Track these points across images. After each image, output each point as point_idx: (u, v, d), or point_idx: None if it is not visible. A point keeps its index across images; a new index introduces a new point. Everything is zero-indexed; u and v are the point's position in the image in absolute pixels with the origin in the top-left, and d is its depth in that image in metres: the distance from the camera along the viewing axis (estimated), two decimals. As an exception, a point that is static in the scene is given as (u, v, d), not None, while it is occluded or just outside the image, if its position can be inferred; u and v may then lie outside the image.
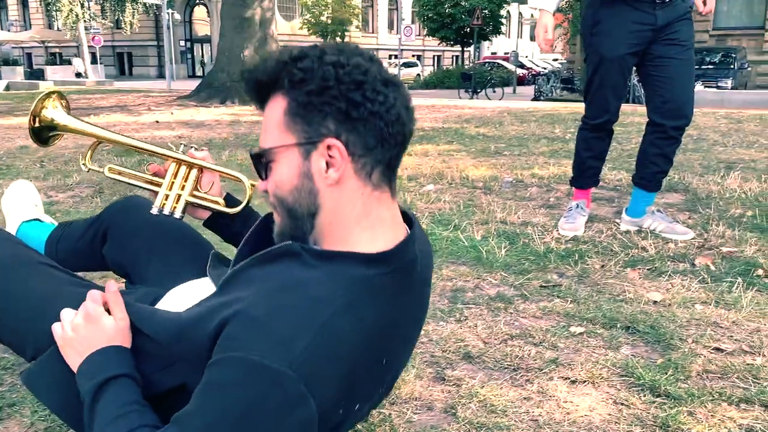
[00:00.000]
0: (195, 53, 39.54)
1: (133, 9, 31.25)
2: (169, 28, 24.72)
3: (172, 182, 1.24)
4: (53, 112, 1.32)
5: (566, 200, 3.43)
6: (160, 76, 33.15)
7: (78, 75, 27.58)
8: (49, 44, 33.56)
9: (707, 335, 1.72)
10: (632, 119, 7.21)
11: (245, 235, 1.08)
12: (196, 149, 1.29)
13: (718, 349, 1.65)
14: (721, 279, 2.16)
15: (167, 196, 1.24)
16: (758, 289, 2.06)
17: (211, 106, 10.56)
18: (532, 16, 51.45)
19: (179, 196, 1.25)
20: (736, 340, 1.70)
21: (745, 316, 1.84)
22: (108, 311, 0.98)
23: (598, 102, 2.64)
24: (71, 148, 5.43)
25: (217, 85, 11.30)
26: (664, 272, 2.24)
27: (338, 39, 34.33)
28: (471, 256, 2.42)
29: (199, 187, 1.28)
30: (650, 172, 2.68)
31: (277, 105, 0.91)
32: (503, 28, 31.66)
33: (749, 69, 19.51)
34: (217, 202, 1.27)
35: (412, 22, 37.85)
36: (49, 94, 1.32)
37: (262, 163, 0.94)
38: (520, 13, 46.48)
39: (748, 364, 1.57)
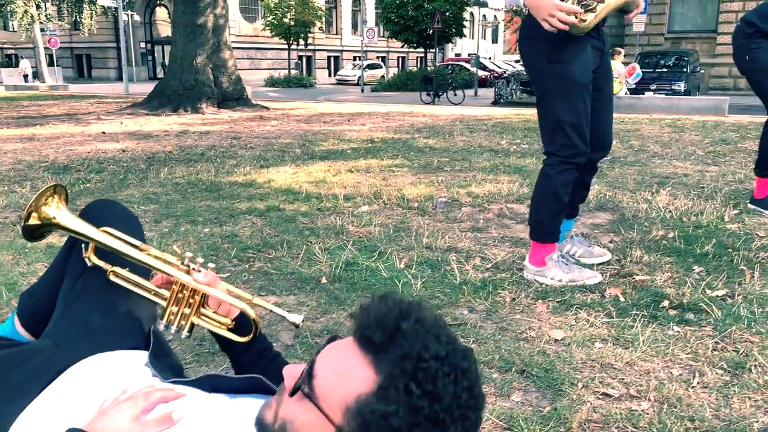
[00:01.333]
0: (156, 55, 38.94)
1: (91, 11, 30.65)
2: (125, 31, 24.28)
3: (177, 299, 1.16)
4: (55, 210, 1.23)
5: (496, 221, 3.45)
6: (120, 78, 32.56)
7: (26, 77, 26.84)
8: (4, 46, 32.68)
9: (598, 379, 1.74)
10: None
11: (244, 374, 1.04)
12: (199, 267, 1.16)
13: (606, 395, 1.66)
14: (626, 312, 2.18)
15: (173, 313, 1.16)
16: (660, 323, 2.09)
17: (163, 115, 10.40)
18: (495, 17, 51.91)
19: (186, 314, 1.16)
20: (625, 383, 1.72)
21: (639, 356, 1.86)
22: None
23: (580, 134, 2.39)
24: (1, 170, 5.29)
25: (170, 93, 11.13)
26: (573, 305, 2.26)
27: (301, 40, 34.17)
28: (386, 289, 2.41)
29: (206, 306, 1.18)
30: (571, 201, 2.68)
31: (362, 374, 0.78)
32: (466, 31, 31.84)
33: (702, 72, 19.94)
34: (225, 324, 1.17)
35: (376, 24, 37.82)
36: (51, 190, 1.24)
37: (305, 380, 0.82)
38: (483, 16, 46.83)
39: (631, 410, 1.58)
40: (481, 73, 25.27)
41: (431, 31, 25.71)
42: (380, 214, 3.63)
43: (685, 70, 17.49)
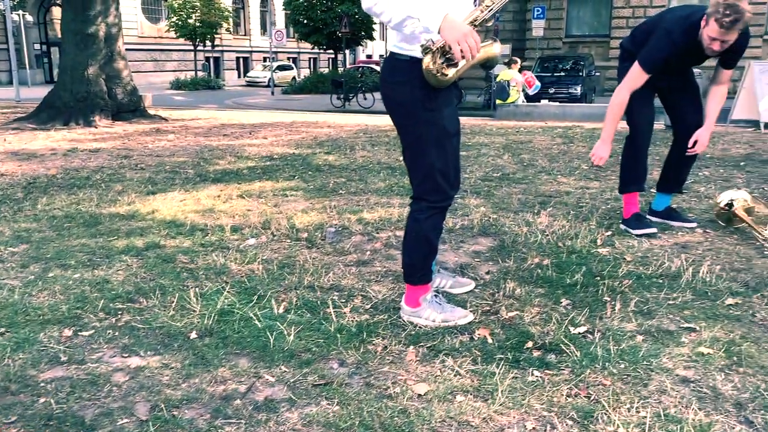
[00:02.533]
0: (52, 57, 36.82)
1: (-23, 11, 28.59)
2: (15, 33, 22.81)
3: None
4: None
5: (382, 252, 3.47)
6: (11, 82, 30.60)
7: None
8: None
9: (454, 439, 1.77)
10: (475, 141, 7.46)
11: None
12: None
13: (458, 457, 1.69)
14: (491, 357, 2.24)
15: None
16: (521, 368, 2.15)
17: (52, 129, 9.84)
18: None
19: None
20: (479, 442, 1.76)
21: (497, 409, 1.91)
22: None
23: (450, 179, 2.44)
24: None
25: (60, 106, 10.54)
26: (441, 350, 2.29)
27: (208, 42, 33.28)
28: (258, 343, 2.36)
29: None
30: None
31: None
32: (376, 34, 32.01)
33: (598, 75, 20.97)
34: None
35: (286, 25, 37.37)
36: None
37: None
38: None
39: (480, 474, 1.61)
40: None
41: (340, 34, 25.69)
42: (267, 247, 3.57)
43: (581, 73, 18.33)
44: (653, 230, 3.74)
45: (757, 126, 9.33)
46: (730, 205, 3.82)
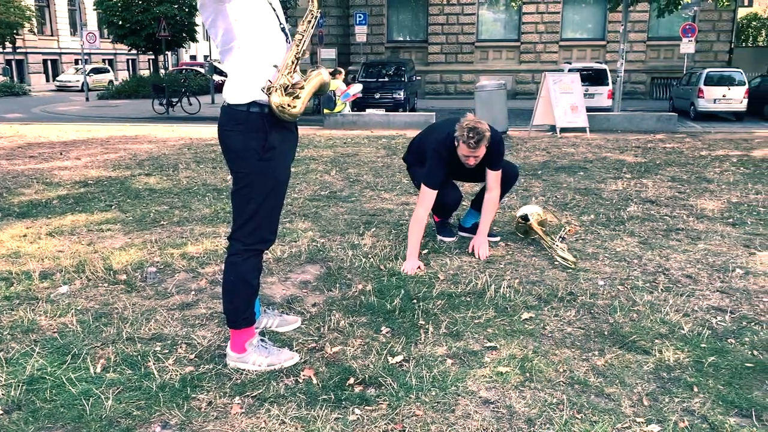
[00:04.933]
0: None
1: None
2: None
3: None
4: None
5: (208, 291, 3.43)
6: None
7: None
8: None
9: (278, 494, 1.83)
10: (303, 157, 7.55)
11: None
12: None
13: None
14: (315, 399, 2.33)
15: None
16: (344, 408, 2.27)
17: None
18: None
19: None
20: (302, 493, 1.84)
21: (319, 455, 2.01)
22: None
23: (271, 225, 2.53)
24: None
25: None
26: (267, 398, 2.35)
27: (8, 43, 30.02)
28: (73, 414, 2.25)
29: None
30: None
31: None
32: (198, 36, 30.87)
33: (419, 79, 22.03)
34: None
35: (99, 26, 34.75)
36: None
37: None
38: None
39: None
40: (218, 78, 24.75)
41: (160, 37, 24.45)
42: (81, 295, 3.38)
43: (404, 78, 19.12)
44: (453, 239, 4.30)
45: (554, 130, 10.45)
46: (526, 218, 4.28)
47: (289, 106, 2.34)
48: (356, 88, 12.86)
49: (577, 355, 2.66)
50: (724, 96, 16.32)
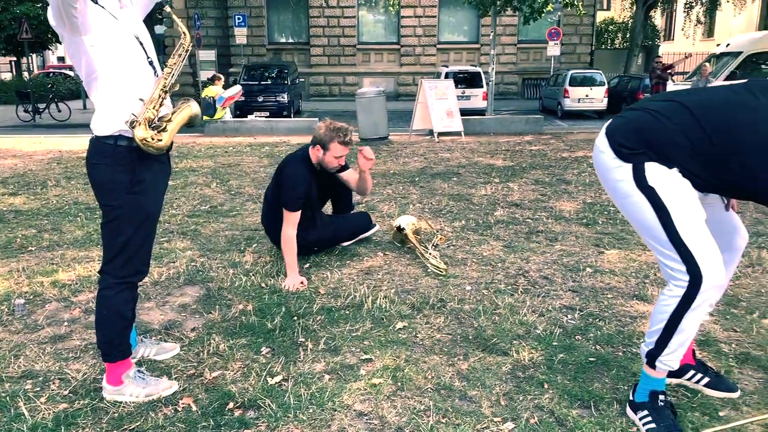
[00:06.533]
0: None
1: None
2: None
3: None
4: None
5: (82, 320, 3.35)
6: None
7: None
8: None
9: None
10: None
11: None
12: None
13: None
14: (195, 427, 2.39)
15: None
16: (223, 432, 2.35)
17: None
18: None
19: None
20: None
21: (198, 483, 2.07)
22: None
23: (143, 257, 2.54)
24: None
25: None
26: (146, 430, 2.37)
27: None
28: (-66, 466, 2.17)
29: None
30: None
31: None
32: (64, 35, 28.93)
33: (302, 81, 22.03)
34: None
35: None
36: None
37: None
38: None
39: None
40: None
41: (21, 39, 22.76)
42: (-60, 335, 3.19)
43: (287, 81, 19.06)
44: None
45: (432, 134, 10.90)
46: (401, 228, 4.50)
47: (153, 139, 2.37)
48: (234, 90, 12.69)
49: (444, 361, 2.88)
50: (587, 95, 17.66)
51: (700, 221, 2.10)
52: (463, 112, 12.65)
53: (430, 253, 4.21)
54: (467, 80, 18.04)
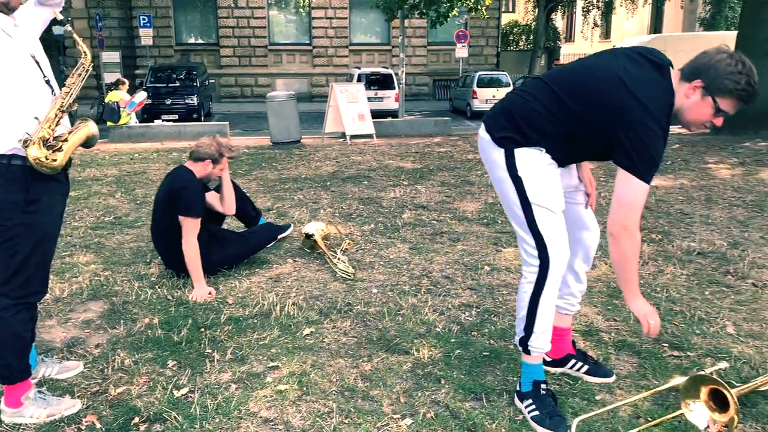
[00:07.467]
0: None
1: None
2: None
3: None
4: None
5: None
6: None
7: None
8: None
9: None
10: None
11: None
12: None
13: None
14: (98, 445, 2.40)
15: None
16: (128, 448, 2.37)
17: None
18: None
19: None
20: None
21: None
22: None
23: (42, 277, 2.51)
24: None
25: None
26: (48, 451, 2.36)
27: None
28: None
29: None
30: None
31: None
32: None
33: (212, 82, 21.63)
34: None
35: None
36: None
37: None
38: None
39: None
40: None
41: None
42: None
43: (196, 83, 18.67)
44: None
45: (344, 137, 11.03)
46: (310, 234, 4.59)
47: (47, 159, 2.36)
48: (140, 96, 12.34)
49: (349, 364, 3.00)
50: (493, 96, 18.32)
51: (557, 213, 2.38)
52: (377, 114, 12.86)
53: (338, 258, 4.32)
54: (380, 82, 18.30)
